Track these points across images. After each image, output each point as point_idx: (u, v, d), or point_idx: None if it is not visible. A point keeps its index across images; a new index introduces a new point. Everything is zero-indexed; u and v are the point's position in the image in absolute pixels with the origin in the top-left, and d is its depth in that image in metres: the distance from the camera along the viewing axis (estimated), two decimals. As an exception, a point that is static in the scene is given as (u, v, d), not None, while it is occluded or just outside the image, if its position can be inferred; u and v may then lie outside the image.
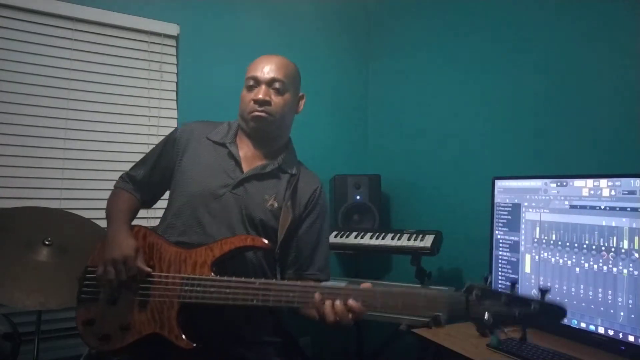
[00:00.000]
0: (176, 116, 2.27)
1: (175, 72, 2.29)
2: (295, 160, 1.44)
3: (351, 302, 1.03)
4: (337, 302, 1.04)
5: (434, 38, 2.47)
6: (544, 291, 0.94)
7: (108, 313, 1.21)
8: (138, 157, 2.13)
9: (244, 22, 2.46)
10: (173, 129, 2.20)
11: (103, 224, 1.77)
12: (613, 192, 1.46)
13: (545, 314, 0.92)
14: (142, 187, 1.43)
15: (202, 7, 2.35)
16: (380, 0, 2.86)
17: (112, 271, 1.17)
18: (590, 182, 1.52)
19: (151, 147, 2.14)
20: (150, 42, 2.22)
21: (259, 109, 1.31)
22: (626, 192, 1.43)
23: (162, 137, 2.15)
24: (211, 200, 1.28)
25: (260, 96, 1.30)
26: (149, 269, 1.20)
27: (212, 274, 1.17)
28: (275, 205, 1.31)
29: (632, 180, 1.42)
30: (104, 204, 2.05)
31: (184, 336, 1.14)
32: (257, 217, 1.29)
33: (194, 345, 1.13)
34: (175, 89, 2.29)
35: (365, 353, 2.38)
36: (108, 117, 2.11)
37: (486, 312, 0.96)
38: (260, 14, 2.51)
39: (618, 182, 1.45)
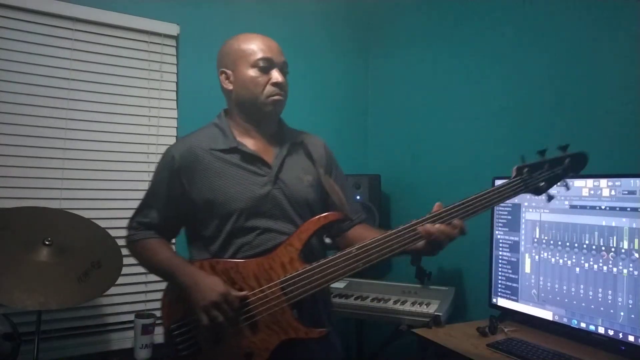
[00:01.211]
0: (176, 116, 2.27)
1: (175, 72, 2.29)
2: (293, 130, 1.43)
3: (456, 221, 1.14)
4: (439, 225, 1.13)
5: (434, 38, 2.47)
6: (563, 147, 1.21)
7: (222, 353, 1.19)
8: (138, 157, 2.18)
9: (244, 22, 2.46)
10: (173, 129, 2.24)
11: (103, 223, 1.79)
12: (613, 192, 1.46)
13: (576, 162, 1.21)
14: (161, 229, 1.34)
15: (202, 7, 2.35)
16: (380, 0, 2.86)
17: (218, 314, 1.14)
18: (590, 182, 1.52)
19: (151, 147, 2.20)
20: (150, 42, 2.22)
21: (280, 92, 1.28)
22: (626, 192, 1.43)
23: (161, 137, 2.22)
24: (261, 205, 1.25)
25: (281, 80, 1.27)
26: (243, 293, 1.18)
27: (305, 265, 1.19)
28: (310, 178, 1.33)
29: (632, 180, 1.42)
30: (104, 204, 2.08)
31: (311, 328, 1.18)
32: (305, 198, 1.30)
33: (325, 330, 1.19)
34: (175, 89, 2.29)
35: (365, 353, 2.39)
36: (108, 117, 2.11)
37: (539, 181, 1.20)
38: (260, 14, 2.51)
39: (618, 182, 1.45)
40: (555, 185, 1.21)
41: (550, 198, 1.23)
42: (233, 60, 1.30)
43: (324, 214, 1.25)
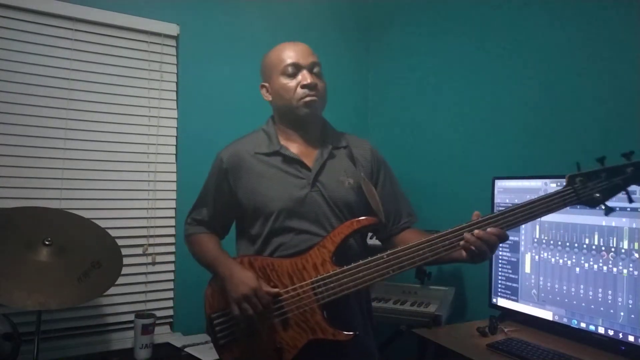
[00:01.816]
0: (176, 116, 2.27)
1: (175, 72, 2.29)
2: (338, 133, 1.45)
3: (491, 229, 1.11)
4: (477, 232, 1.11)
5: (434, 38, 2.47)
6: (628, 154, 1.09)
7: (255, 345, 1.25)
8: (138, 157, 2.18)
9: (244, 22, 2.46)
10: (173, 129, 2.24)
11: (103, 223, 1.79)
12: (613, 192, 1.45)
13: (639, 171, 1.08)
14: (213, 225, 1.45)
15: (202, 7, 2.35)
16: (380, 1, 2.86)
17: (248, 307, 1.20)
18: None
19: (151, 147, 2.20)
20: (150, 42, 2.22)
21: (312, 93, 1.30)
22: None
23: (161, 137, 2.22)
24: (299, 206, 1.28)
25: (310, 80, 1.29)
26: (276, 290, 1.23)
27: (336, 267, 1.20)
28: (352, 181, 1.33)
29: (632, 180, 1.41)
30: (104, 204, 2.08)
31: (339, 331, 1.19)
32: (345, 201, 1.31)
33: (353, 333, 1.19)
34: (175, 89, 2.29)
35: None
36: (108, 117, 2.11)
37: (595, 192, 1.09)
38: (260, 14, 2.51)
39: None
40: (614, 197, 1.11)
41: (609, 210, 1.11)
42: (268, 73, 1.38)
43: (358, 219, 1.26)
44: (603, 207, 1.11)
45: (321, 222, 1.29)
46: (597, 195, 1.10)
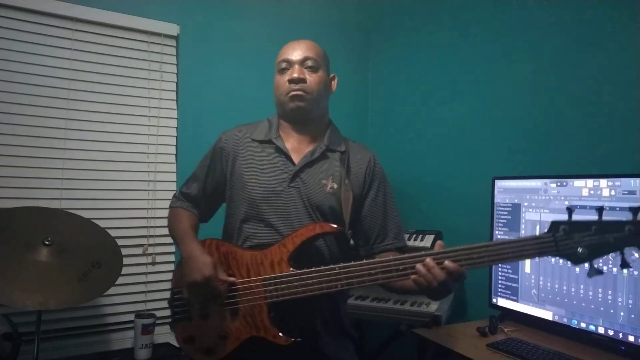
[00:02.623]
0: (176, 116, 2.27)
1: (175, 72, 2.29)
2: (341, 137, 1.43)
3: (447, 263, 1.02)
4: (430, 263, 1.03)
5: (434, 38, 2.47)
6: (636, 209, 0.91)
7: (204, 327, 1.25)
8: (138, 157, 2.18)
9: (244, 22, 2.46)
10: (173, 129, 2.25)
11: (103, 223, 1.79)
12: (613, 192, 1.46)
13: None
14: (198, 202, 1.44)
15: (202, 7, 2.35)
16: (380, 1, 2.86)
17: (197, 292, 1.20)
18: (590, 182, 1.52)
19: (151, 147, 2.20)
20: (150, 42, 2.22)
21: (296, 87, 1.30)
22: (626, 192, 1.43)
23: (161, 137, 2.22)
24: (273, 198, 1.28)
25: (295, 75, 1.30)
26: (231, 279, 1.23)
27: (291, 269, 1.18)
28: (335, 186, 1.30)
29: (632, 180, 1.42)
30: (104, 204, 2.08)
31: (281, 334, 1.17)
32: (322, 204, 1.28)
33: (292, 340, 1.16)
34: (175, 89, 2.29)
35: (365, 353, 2.38)
36: (108, 117, 2.11)
37: (579, 246, 0.93)
38: (260, 14, 2.51)
39: (618, 182, 1.45)
40: (604, 257, 0.96)
41: (595, 273, 0.94)
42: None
43: (321, 223, 1.24)
44: (587, 266, 0.94)
45: (291, 219, 1.26)
46: (581, 250, 0.93)
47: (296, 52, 1.35)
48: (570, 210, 0.97)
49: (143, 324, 1.88)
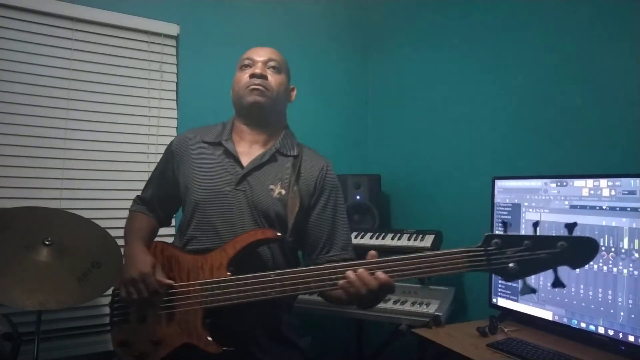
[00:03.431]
0: (176, 116, 2.27)
1: (175, 72, 2.29)
2: (296, 142, 1.40)
3: (379, 273, 1.01)
4: (362, 272, 1.02)
5: (434, 38, 2.47)
6: (570, 226, 0.88)
7: (140, 331, 1.22)
8: (138, 157, 2.18)
9: (244, 22, 2.46)
10: (173, 129, 2.24)
11: (103, 223, 1.79)
12: (613, 192, 1.46)
13: (575, 250, 0.87)
14: (152, 206, 1.44)
15: (202, 7, 2.35)
16: (380, 1, 2.86)
17: (133, 290, 1.18)
18: (590, 182, 1.52)
19: (151, 147, 2.20)
20: (150, 42, 2.22)
21: (257, 81, 1.30)
22: (626, 192, 1.43)
23: (161, 137, 2.22)
24: (218, 202, 1.26)
25: (258, 70, 1.31)
26: (169, 281, 1.20)
27: (229, 274, 1.16)
28: (283, 192, 1.27)
29: (632, 180, 1.42)
30: (104, 204, 2.08)
31: (212, 341, 1.13)
32: (267, 209, 1.25)
33: (223, 349, 1.13)
34: (175, 89, 2.29)
35: (365, 353, 2.38)
36: (108, 117, 2.11)
37: (510, 262, 0.91)
38: (260, 14, 2.51)
39: (618, 182, 1.45)
40: (536, 274, 0.91)
41: (527, 291, 0.93)
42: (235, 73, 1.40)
43: (262, 229, 1.22)
44: (521, 284, 0.92)
45: (234, 224, 1.24)
46: (512, 266, 0.91)
47: (260, 53, 1.36)
48: (505, 224, 0.96)
49: (143, 324, 1.88)
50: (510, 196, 1.77)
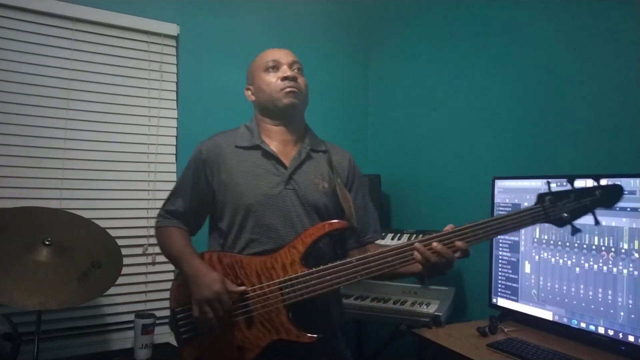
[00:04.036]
0: (176, 116, 2.27)
1: (175, 72, 2.29)
2: (319, 139, 1.46)
3: (459, 243, 1.12)
4: (439, 246, 1.12)
5: (434, 38, 2.47)
6: (597, 177, 1.14)
7: (216, 343, 1.22)
8: (138, 157, 2.18)
9: (244, 22, 2.46)
10: (173, 129, 2.24)
11: (103, 224, 1.79)
12: (613, 192, 1.46)
13: (608, 195, 1.12)
14: (186, 218, 1.41)
15: (202, 7, 2.35)
16: (380, 1, 2.86)
17: (209, 310, 1.17)
18: (590, 182, 1.51)
19: (151, 147, 2.20)
20: (150, 42, 2.22)
21: (291, 84, 1.33)
22: (626, 192, 1.42)
23: (161, 137, 2.22)
24: (271, 202, 1.28)
25: (290, 73, 1.34)
26: (242, 288, 1.21)
27: (305, 269, 1.20)
28: (327, 185, 1.34)
29: (632, 180, 1.42)
30: (104, 204, 2.08)
31: (303, 332, 1.18)
32: (317, 202, 1.31)
33: (316, 336, 1.17)
34: (175, 89, 2.29)
35: (365, 353, 2.38)
36: (108, 117, 2.11)
37: (563, 212, 1.11)
38: (260, 14, 2.51)
39: (618, 182, 1.44)
40: (584, 216, 1.12)
41: (576, 231, 1.12)
42: (252, 75, 1.42)
43: (330, 221, 1.25)
44: (571, 227, 1.12)
45: (292, 221, 1.28)
46: (565, 215, 1.12)
47: (284, 55, 1.39)
48: (548, 182, 1.15)
49: (143, 324, 1.88)
50: (510, 196, 1.77)
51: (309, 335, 1.17)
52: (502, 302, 1.78)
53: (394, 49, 2.74)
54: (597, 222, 1.13)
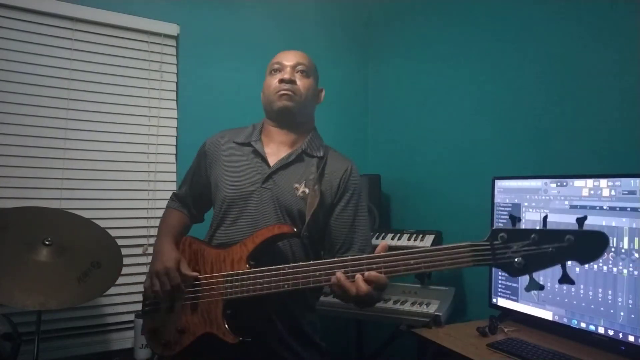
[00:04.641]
0: (176, 116, 2.27)
1: (175, 72, 2.29)
2: (322, 144, 1.44)
3: (368, 274, 1.03)
4: (357, 275, 1.04)
5: (434, 38, 2.47)
6: (580, 220, 0.85)
7: (167, 321, 1.28)
8: (138, 157, 2.19)
9: (244, 22, 2.46)
10: (173, 129, 2.25)
11: (103, 223, 1.79)
12: (613, 192, 1.46)
13: (583, 244, 0.84)
14: (186, 203, 1.52)
15: (202, 7, 2.35)
16: (380, 1, 2.86)
17: (157, 283, 1.25)
18: (590, 182, 1.52)
19: (151, 147, 2.20)
20: (150, 42, 2.22)
21: (286, 87, 1.35)
22: (626, 192, 1.43)
23: (161, 137, 2.22)
24: (244, 199, 1.32)
25: (287, 76, 1.36)
26: (194, 274, 1.26)
27: (248, 267, 1.21)
28: (307, 191, 1.31)
29: (632, 180, 1.42)
30: (104, 204, 2.08)
31: (229, 331, 1.18)
32: (290, 206, 1.30)
33: (240, 339, 1.17)
34: (175, 89, 2.29)
35: (365, 353, 2.39)
36: (108, 117, 2.11)
37: (516, 256, 0.88)
38: (260, 14, 2.51)
39: (618, 182, 1.45)
40: (545, 269, 0.87)
41: (533, 287, 0.89)
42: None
43: (279, 224, 1.26)
44: (528, 280, 0.89)
45: (258, 220, 1.29)
46: (518, 260, 0.88)
47: (289, 57, 1.40)
48: (514, 218, 0.91)
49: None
50: (510, 196, 1.77)
51: (234, 336, 1.17)
52: (502, 302, 1.78)
53: (394, 49, 2.74)
54: (563, 280, 0.87)
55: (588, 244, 0.84)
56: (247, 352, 1.20)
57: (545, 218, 0.90)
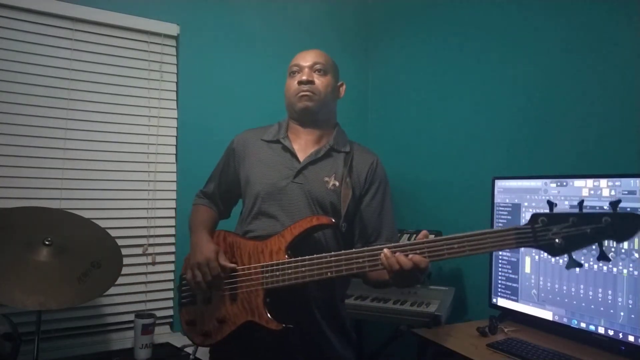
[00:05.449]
0: (176, 116, 2.27)
1: (175, 72, 2.29)
2: (347, 140, 1.50)
3: (412, 256, 1.07)
4: (401, 256, 1.08)
5: (434, 38, 2.47)
6: (615, 202, 0.91)
7: (206, 312, 1.33)
8: (138, 157, 2.19)
9: (244, 22, 2.46)
10: (173, 129, 2.25)
11: (103, 223, 1.80)
12: (613, 192, 1.46)
13: (619, 225, 0.90)
14: (214, 200, 1.55)
15: (202, 7, 2.35)
16: (380, 1, 2.86)
17: (199, 274, 1.28)
18: (590, 182, 1.52)
19: (151, 147, 2.20)
20: (150, 42, 2.22)
21: (304, 87, 1.38)
22: (626, 192, 1.43)
23: (161, 137, 2.22)
24: (277, 194, 1.35)
25: (305, 77, 1.39)
26: (232, 265, 1.30)
27: (287, 257, 1.24)
28: (337, 184, 1.36)
29: (632, 180, 1.42)
30: (104, 204, 2.09)
31: (272, 318, 1.21)
32: (323, 199, 1.34)
33: (283, 325, 1.20)
34: (175, 89, 2.29)
35: (365, 353, 2.38)
36: (108, 117, 2.11)
37: (556, 238, 0.95)
38: (260, 14, 2.51)
39: (618, 182, 1.45)
40: (583, 249, 0.94)
41: (573, 265, 0.95)
42: None
43: (317, 216, 1.29)
44: (567, 258, 0.95)
45: (293, 213, 1.33)
46: (559, 241, 0.94)
47: (306, 58, 1.44)
48: (551, 203, 0.98)
49: (143, 324, 1.88)
50: (510, 196, 1.77)
51: (277, 323, 1.21)
52: (502, 302, 1.78)
53: (395, 48, 2.74)
54: (601, 257, 0.93)
55: (623, 224, 0.91)
56: (285, 339, 1.24)
57: (581, 202, 0.96)
